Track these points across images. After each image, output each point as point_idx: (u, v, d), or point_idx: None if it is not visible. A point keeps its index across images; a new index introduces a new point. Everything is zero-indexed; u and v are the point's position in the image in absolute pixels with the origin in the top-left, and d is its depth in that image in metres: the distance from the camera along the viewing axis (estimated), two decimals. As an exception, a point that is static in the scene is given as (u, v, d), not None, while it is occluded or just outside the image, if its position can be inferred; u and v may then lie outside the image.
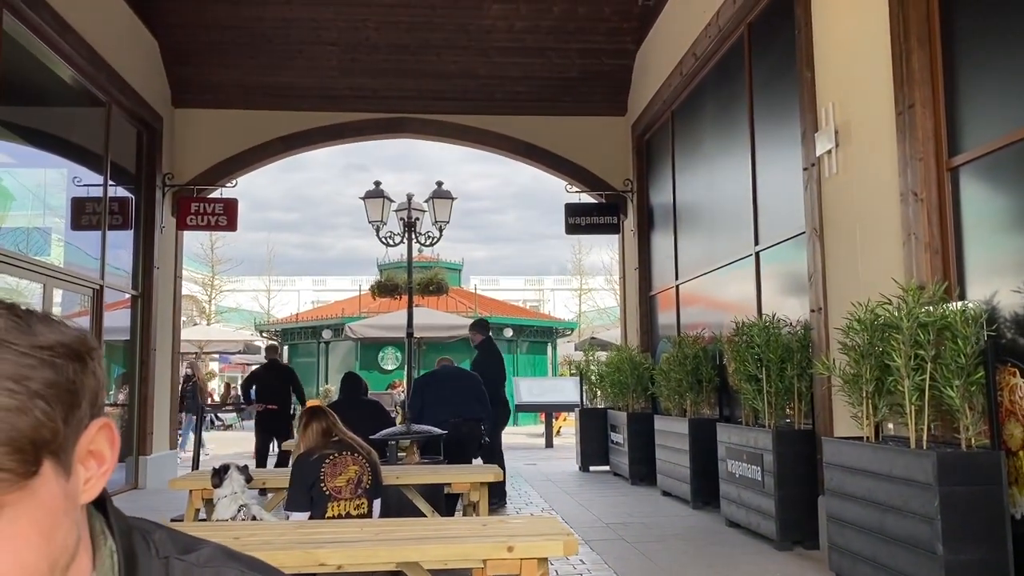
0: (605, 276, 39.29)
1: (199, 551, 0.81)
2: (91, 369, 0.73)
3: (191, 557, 0.80)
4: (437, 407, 7.44)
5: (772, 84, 7.34)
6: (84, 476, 0.73)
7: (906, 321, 4.30)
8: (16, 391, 0.66)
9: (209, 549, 0.82)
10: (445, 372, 8.02)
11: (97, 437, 0.74)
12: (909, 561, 4.16)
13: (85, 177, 9.50)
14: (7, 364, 0.67)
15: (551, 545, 2.58)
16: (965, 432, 4.19)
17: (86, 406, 0.72)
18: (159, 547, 0.80)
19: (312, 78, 11.46)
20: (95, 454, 0.74)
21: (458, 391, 7.69)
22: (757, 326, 6.64)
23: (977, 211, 4.64)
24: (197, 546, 0.82)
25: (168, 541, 0.81)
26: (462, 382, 7.86)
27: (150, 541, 0.80)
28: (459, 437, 7.24)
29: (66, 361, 0.70)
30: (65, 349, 0.71)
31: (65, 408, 0.69)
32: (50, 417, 0.67)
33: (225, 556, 0.82)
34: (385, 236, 12.75)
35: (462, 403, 7.59)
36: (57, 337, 0.71)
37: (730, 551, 6.04)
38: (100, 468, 0.74)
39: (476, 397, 7.77)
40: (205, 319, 37.13)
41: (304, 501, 4.11)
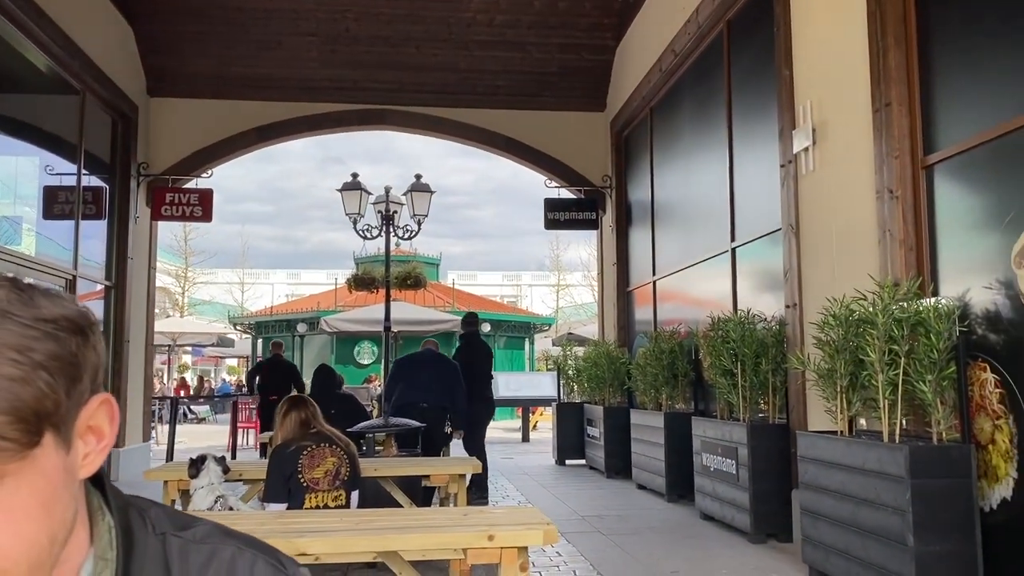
0: (583, 272, 39.42)
1: (195, 528, 0.81)
2: (92, 343, 0.73)
3: (187, 534, 0.80)
4: (408, 390, 7.44)
5: (750, 81, 7.40)
6: (83, 451, 0.73)
7: (881, 317, 4.36)
8: (20, 361, 0.66)
9: (206, 526, 0.82)
10: (424, 357, 7.96)
11: (97, 412, 0.74)
12: (881, 553, 4.22)
13: (58, 166, 9.37)
14: (10, 335, 0.66)
15: (531, 534, 2.60)
16: (937, 426, 4.26)
17: (87, 380, 0.72)
18: (155, 523, 0.80)
19: (291, 69, 11.38)
20: (94, 429, 0.74)
21: (434, 378, 7.64)
22: (733, 321, 6.71)
23: (951, 209, 4.72)
24: (193, 523, 0.82)
25: (164, 518, 0.81)
26: (439, 369, 7.80)
27: (146, 517, 0.80)
28: (421, 420, 7.19)
29: (68, 334, 0.70)
30: (68, 322, 0.71)
31: (67, 381, 0.69)
32: (53, 388, 0.67)
33: (222, 533, 0.82)
34: (362, 229, 12.70)
35: (432, 390, 7.55)
36: (60, 310, 0.71)
37: (705, 544, 6.10)
38: (99, 444, 0.75)
39: (449, 387, 7.71)
40: (178, 311, 36.78)
41: (282, 492, 4.10)
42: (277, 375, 11.90)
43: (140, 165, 10.85)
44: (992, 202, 4.32)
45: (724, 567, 5.36)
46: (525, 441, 15.85)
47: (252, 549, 0.82)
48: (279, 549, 0.84)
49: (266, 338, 24.26)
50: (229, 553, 0.80)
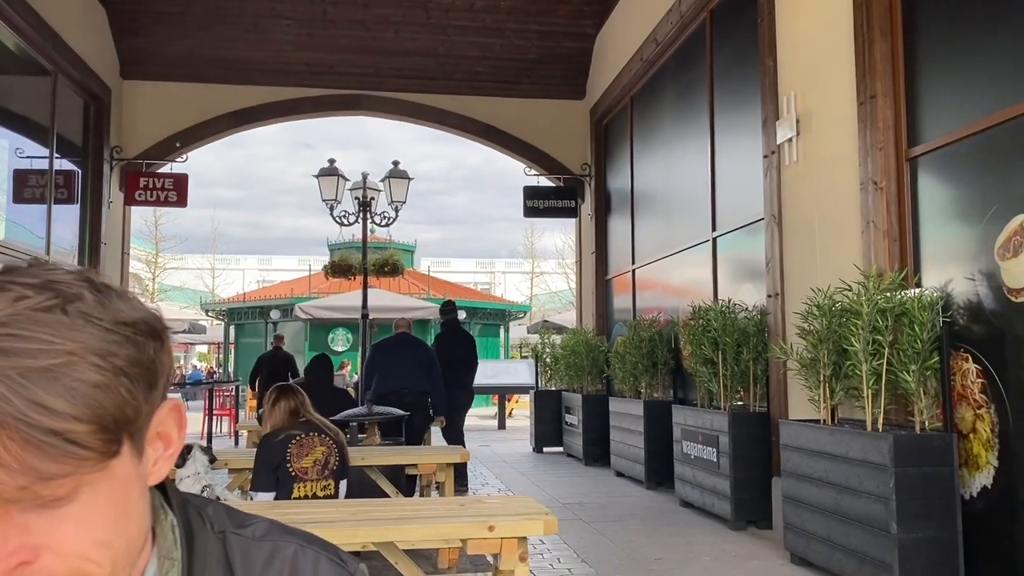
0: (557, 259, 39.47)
1: (254, 525, 0.80)
2: (167, 349, 0.71)
3: (247, 531, 0.79)
4: (388, 378, 7.36)
5: (733, 71, 7.42)
6: (152, 458, 0.71)
7: (866, 307, 4.41)
8: (103, 367, 0.64)
9: (264, 523, 0.81)
10: (400, 341, 7.87)
11: (167, 419, 0.72)
12: (863, 540, 4.29)
13: (29, 149, 9.17)
14: (94, 339, 0.64)
15: (532, 524, 2.60)
16: (920, 415, 4.33)
17: (161, 386, 0.70)
18: (214, 522, 0.78)
19: (266, 52, 11.22)
20: (163, 436, 0.72)
21: (412, 363, 7.56)
22: (714, 310, 6.75)
23: (934, 201, 4.77)
24: (251, 520, 0.81)
25: (223, 515, 0.80)
26: (418, 354, 7.71)
27: (204, 516, 0.78)
28: (403, 408, 7.16)
29: (147, 339, 0.68)
30: (147, 327, 0.69)
31: (146, 387, 0.67)
32: (133, 396, 0.66)
33: (282, 531, 0.81)
34: (339, 215, 12.60)
35: (412, 376, 7.48)
36: (138, 314, 0.69)
37: (686, 531, 6.15)
38: (167, 451, 0.73)
39: (427, 371, 7.63)
40: (148, 297, 36.31)
41: (270, 482, 4.06)
42: (278, 367, 12.19)
43: (113, 149, 10.67)
44: (975, 194, 4.37)
45: (706, 554, 5.42)
46: (501, 428, 15.88)
47: (314, 546, 0.81)
48: (338, 545, 0.83)
49: (238, 325, 24.04)
50: (291, 551, 0.79)
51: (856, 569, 4.36)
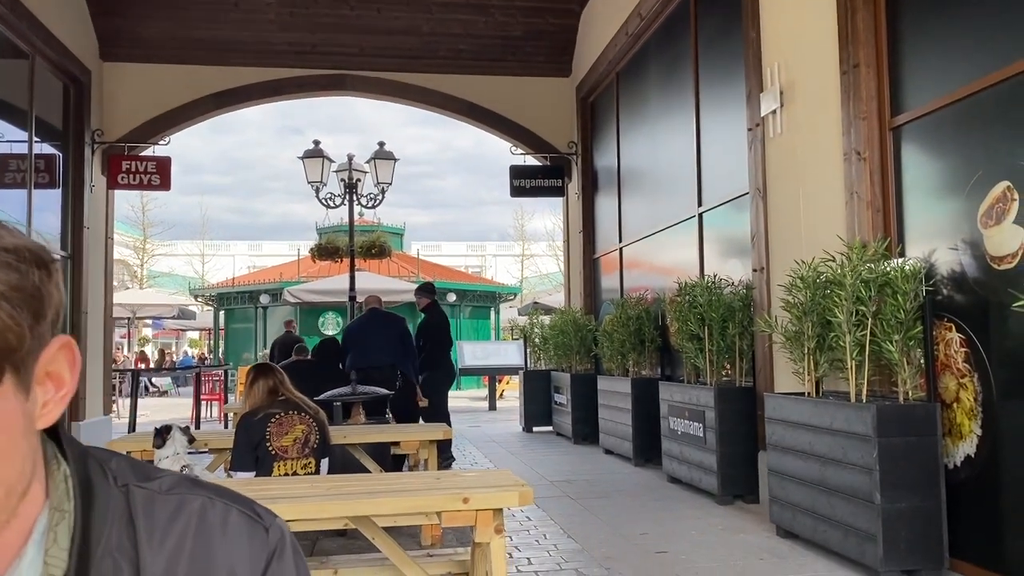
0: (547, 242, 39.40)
1: (161, 478, 0.75)
2: (55, 280, 0.67)
3: (153, 484, 0.74)
4: (355, 355, 7.34)
5: (717, 44, 7.35)
6: (42, 399, 0.66)
7: (849, 278, 4.39)
8: None
9: (172, 477, 0.76)
10: (371, 320, 7.84)
11: (57, 357, 0.67)
12: (847, 511, 4.28)
13: (8, 133, 9.05)
14: None
15: (506, 496, 2.56)
16: (903, 385, 4.31)
17: (49, 319, 0.65)
18: (117, 474, 0.73)
19: (248, 32, 11.08)
20: (53, 376, 0.67)
21: (384, 339, 7.53)
22: (700, 286, 6.72)
23: (918, 170, 4.74)
24: (158, 474, 0.76)
25: (127, 468, 0.75)
26: (388, 330, 7.69)
27: (107, 468, 0.73)
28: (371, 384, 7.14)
29: (30, 266, 0.64)
30: (30, 254, 0.65)
31: (30, 316, 0.63)
32: (16, 322, 0.61)
33: (190, 483, 0.76)
34: (325, 198, 12.50)
35: (381, 350, 7.45)
36: (20, 241, 0.65)
37: (673, 505, 6.15)
38: (59, 392, 0.68)
39: (400, 343, 7.63)
40: (137, 283, 36.14)
41: (249, 461, 4.03)
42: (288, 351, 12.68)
43: (94, 132, 10.54)
44: (959, 163, 4.34)
45: (693, 528, 5.41)
46: (492, 410, 15.88)
47: (224, 499, 0.76)
48: (255, 500, 0.78)
49: (228, 310, 23.93)
50: (199, 504, 0.74)
51: (840, 540, 4.36)
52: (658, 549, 4.90)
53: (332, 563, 3.25)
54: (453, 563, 3.16)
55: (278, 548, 0.75)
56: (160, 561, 0.70)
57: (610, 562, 4.64)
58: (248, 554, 0.73)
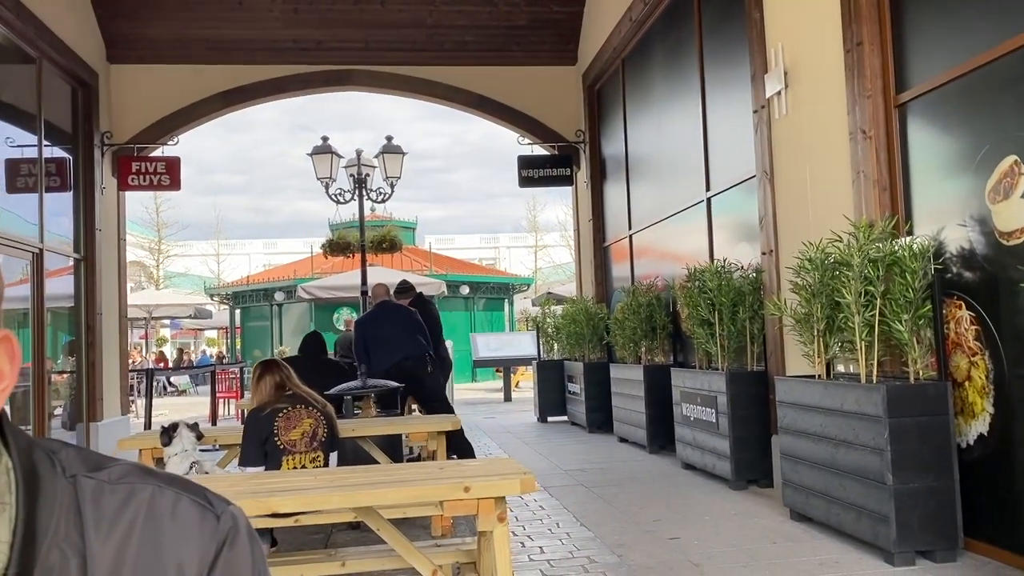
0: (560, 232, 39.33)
1: (111, 468, 0.74)
2: None
3: (102, 474, 0.73)
4: (379, 351, 7.13)
5: (721, 27, 7.29)
6: None
7: (856, 257, 4.34)
8: None
9: (123, 466, 0.75)
10: (386, 313, 7.59)
11: None
12: (860, 492, 4.25)
13: (18, 138, 9.10)
14: None
15: (508, 484, 2.56)
16: (913, 365, 4.27)
17: None
18: (65, 465, 0.72)
19: (253, 30, 11.09)
20: None
21: (401, 329, 7.34)
22: (709, 271, 6.68)
23: (924, 147, 4.68)
24: (109, 463, 0.75)
25: (76, 459, 0.74)
26: (402, 318, 7.51)
27: (55, 459, 0.72)
28: (405, 374, 6.97)
29: None
30: None
31: None
32: None
33: (141, 472, 0.75)
34: (335, 193, 12.52)
35: (405, 342, 7.25)
36: None
37: (687, 492, 6.13)
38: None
39: (418, 331, 7.44)
40: (153, 284, 36.39)
41: (258, 456, 4.04)
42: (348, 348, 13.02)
43: (104, 134, 10.59)
44: (965, 138, 4.28)
45: (706, 514, 5.39)
46: (507, 401, 15.90)
47: (174, 487, 0.75)
48: (209, 488, 0.78)
49: (243, 308, 24.07)
50: (148, 492, 0.73)
51: (854, 522, 4.33)
52: (671, 535, 4.88)
53: (341, 555, 3.26)
54: (461, 552, 3.17)
55: (230, 535, 0.74)
56: (108, 551, 0.69)
57: (622, 549, 4.63)
58: (198, 542, 0.72)
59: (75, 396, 9.90)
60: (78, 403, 9.89)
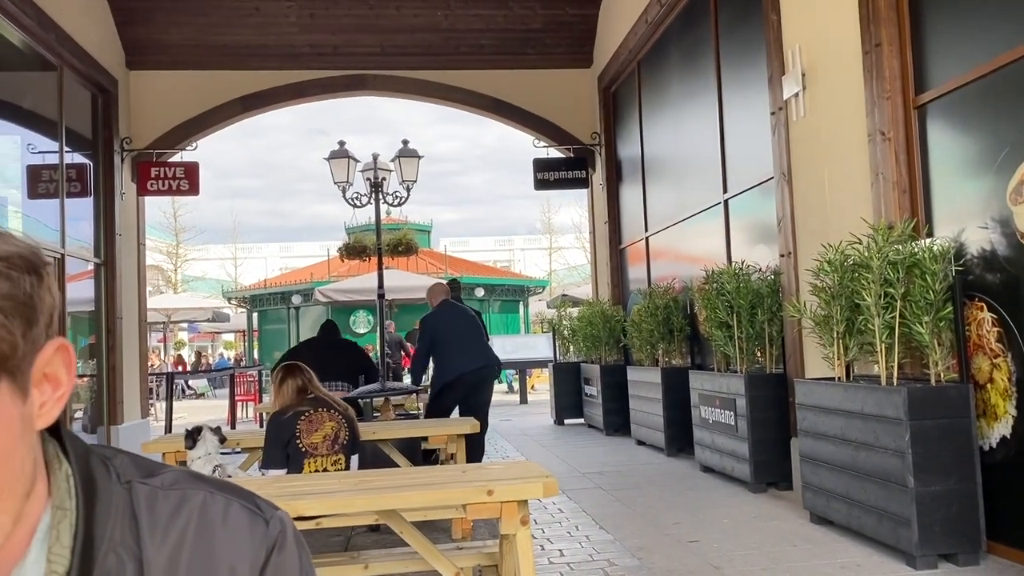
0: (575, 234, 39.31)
1: (163, 474, 0.77)
2: (47, 284, 0.68)
3: (155, 480, 0.76)
4: (456, 356, 6.76)
5: (738, 29, 7.28)
6: (39, 400, 0.68)
7: (876, 259, 4.33)
8: None
9: (175, 472, 0.78)
10: (455, 314, 7.19)
11: (53, 359, 0.68)
12: (881, 495, 4.23)
13: (40, 144, 9.21)
14: None
15: (531, 487, 2.57)
16: (934, 367, 4.25)
17: (43, 324, 0.66)
18: (120, 471, 0.75)
19: (269, 36, 11.17)
20: (50, 377, 0.69)
21: (479, 333, 7.10)
22: (727, 273, 6.67)
23: (944, 148, 4.66)
24: (161, 470, 0.77)
25: (130, 465, 0.76)
26: (477, 323, 7.25)
27: (110, 466, 0.75)
28: (478, 381, 6.87)
29: (22, 274, 0.65)
30: (22, 261, 0.65)
31: (23, 323, 0.64)
32: (8, 331, 0.62)
33: (192, 479, 0.78)
34: (352, 197, 12.58)
35: (486, 348, 7.02)
36: (12, 249, 0.65)
37: (706, 495, 6.12)
38: (56, 392, 0.69)
39: (485, 338, 7.23)
40: (171, 288, 36.66)
41: (280, 459, 4.08)
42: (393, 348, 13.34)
43: (123, 140, 10.69)
44: (986, 139, 4.26)
45: (725, 517, 5.38)
46: (523, 403, 15.90)
47: (225, 494, 0.77)
48: (257, 494, 0.80)
49: (261, 311, 24.19)
50: (200, 498, 0.76)
51: (875, 525, 4.31)
52: (691, 538, 4.88)
53: (363, 558, 3.28)
54: (482, 555, 3.18)
55: (279, 540, 0.76)
56: (163, 556, 0.72)
57: (642, 552, 4.63)
58: (249, 546, 0.74)
59: (96, 399, 9.99)
60: (99, 406, 9.99)
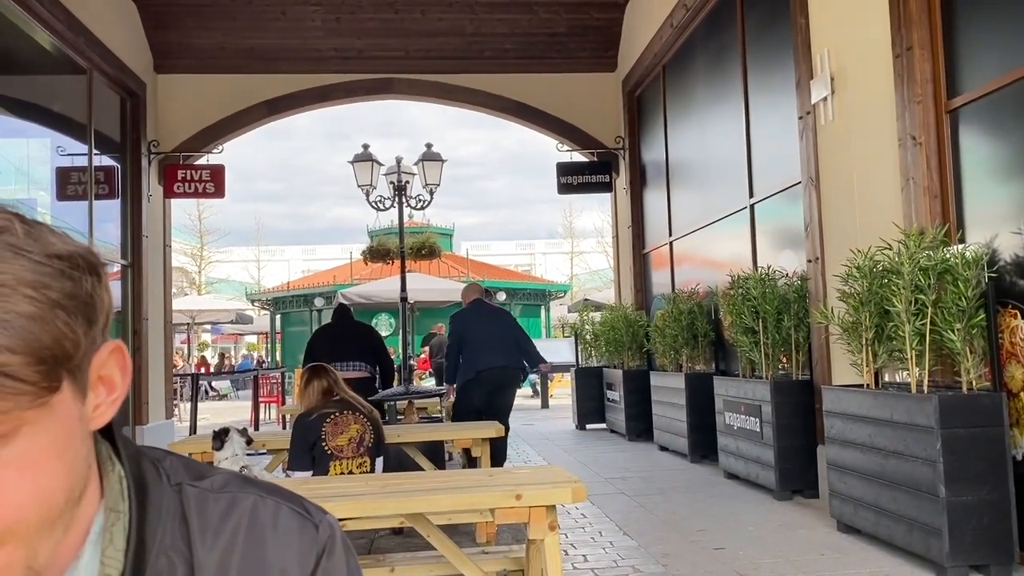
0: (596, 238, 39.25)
1: (213, 477, 0.77)
2: (105, 284, 0.68)
3: (205, 483, 0.75)
4: (481, 353, 6.84)
5: (765, 33, 7.24)
6: (94, 402, 0.68)
7: (907, 265, 4.28)
8: (37, 299, 0.61)
9: (224, 475, 0.78)
10: (483, 312, 7.30)
11: (108, 361, 0.68)
12: (911, 505, 4.17)
13: (69, 147, 9.33)
14: (25, 271, 0.61)
15: (559, 492, 2.56)
16: (966, 375, 4.19)
17: (101, 324, 0.67)
18: (170, 473, 0.75)
19: (295, 39, 11.25)
20: (105, 380, 0.69)
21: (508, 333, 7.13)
22: (753, 278, 6.62)
23: (977, 152, 4.60)
24: (211, 472, 0.77)
25: (180, 467, 0.76)
26: (507, 323, 7.30)
27: (160, 468, 0.75)
28: (502, 380, 6.88)
29: (83, 273, 0.65)
30: (82, 260, 0.66)
31: (84, 322, 0.64)
32: (72, 329, 0.62)
33: (242, 481, 0.77)
34: (375, 201, 12.63)
35: (509, 347, 7.02)
36: (72, 248, 0.66)
37: (730, 502, 6.07)
38: (110, 396, 0.69)
39: (520, 337, 7.25)
40: (195, 290, 36.98)
41: (306, 461, 4.09)
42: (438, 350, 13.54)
43: (150, 143, 10.80)
44: (1019, 143, 4.20)
45: (751, 524, 5.33)
46: (545, 407, 15.88)
47: (275, 497, 0.77)
48: (305, 497, 0.79)
49: (283, 313, 24.34)
50: (250, 502, 0.75)
51: (904, 535, 4.26)
52: (716, 545, 4.84)
53: (389, 561, 3.28)
54: (508, 560, 3.17)
55: (328, 545, 0.76)
56: (213, 559, 0.71)
57: (667, 559, 4.60)
58: (299, 550, 0.74)
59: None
60: (125, 407, 10.07)
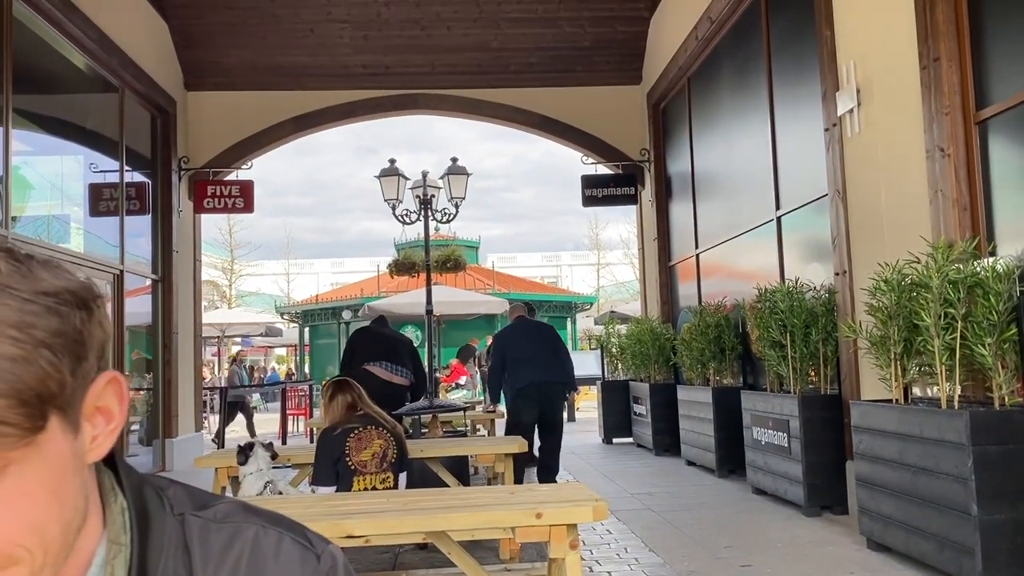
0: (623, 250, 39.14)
1: (216, 507, 0.77)
2: (97, 318, 0.68)
3: (208, 513, 0.75)
4: (523, 369, 6.97)
5: (790, 45, 7.19)
6: (91, 434, 0.68)
7: (936, 279, 4.21)
8: (20, 340, 0.60)
9: (228, 505, 0.78)
10: (527, 329, 7.44)
11: (105, 392, 0.69)
12: (942, 523, 4.10)
13: (101, 163, 9.50)
14: (9, 311, 0.61)
15: (580, 511, 2.55)
16: (998, 391, 4.11)
17: (93, 358, 0.66)
18: (174, 503, 0.75)
19: (324, 56, 11.38)
20: (103, 410, 0.69)
21: (552, 349, 7.24)
22: (780, 291, 6.56)
23: (1007, 164, 4.53)
24: (214, 502, 0.77)
25: (184, 497, 0.76)
26: (551, 339, 7.38)
27: (164, 497, 0.75)
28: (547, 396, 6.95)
29: (72, 309, 0.65)
30: (71, 296, 0.65)
31: (72, 359, 0.64)
32: (57, 368, 0.62)
33: (245, 512, 0.77)
34: (401, 214, 12.71)
35: (552, 363, 7.13)
36: (62, 283, 0.65)
37: (758, 518, 6.00)
38: (108, 425, 0.69)
39: (562, 353, 7.34)
40: (226, 303, 37.37)
41: (330, 475, 4.10)
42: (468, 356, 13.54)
43: (181, 159, 10.97)
44: (1051, 155, 4.13)
45: (778, 541, 5.27)
46: (571, 420, 15.80)
47: (278, 528, 0.77)
48: (308, 527, 0.79)
49: (312, 326, 24.51)
50: (253, 532, 0.75)
51: (936, 553, 4.18)
52: (743, 563, 4.78)
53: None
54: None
55: (330, 575, 0.76)
56: None
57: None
58: None
59: (151, 413, 10.20)
60: (154, 420, 10.20)
